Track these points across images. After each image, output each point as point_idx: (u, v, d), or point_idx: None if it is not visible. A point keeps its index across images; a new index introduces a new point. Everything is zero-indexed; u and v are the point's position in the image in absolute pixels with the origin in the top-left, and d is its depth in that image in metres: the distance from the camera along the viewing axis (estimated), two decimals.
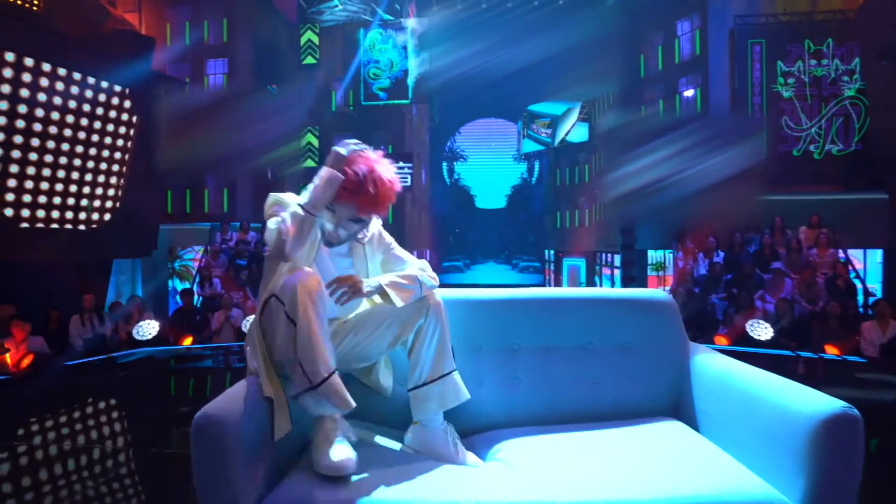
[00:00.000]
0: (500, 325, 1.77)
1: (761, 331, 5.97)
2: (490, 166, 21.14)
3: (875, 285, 9.31)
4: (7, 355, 4.77)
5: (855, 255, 10.93)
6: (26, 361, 4.85)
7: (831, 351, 5.36)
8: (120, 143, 7.83)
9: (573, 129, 15.14)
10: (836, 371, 4.82)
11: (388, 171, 1.50)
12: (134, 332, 6.25)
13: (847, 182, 9.73)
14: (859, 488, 1.17)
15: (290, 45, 12.80)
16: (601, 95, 14.24)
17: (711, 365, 1.67)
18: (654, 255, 11.83)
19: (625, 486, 1.21)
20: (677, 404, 1.74)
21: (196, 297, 8.74)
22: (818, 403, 1.21)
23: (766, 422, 1.32)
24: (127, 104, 7.69)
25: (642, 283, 11.48)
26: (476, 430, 1.66)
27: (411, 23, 12.24)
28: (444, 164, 21.36)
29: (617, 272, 12.63)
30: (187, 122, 9.04)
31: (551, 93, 15.89)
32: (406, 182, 12.65)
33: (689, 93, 11.49)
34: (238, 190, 12.20)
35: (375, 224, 1.65)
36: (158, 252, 10.82)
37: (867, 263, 10.88)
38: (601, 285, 13.47)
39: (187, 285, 10.81)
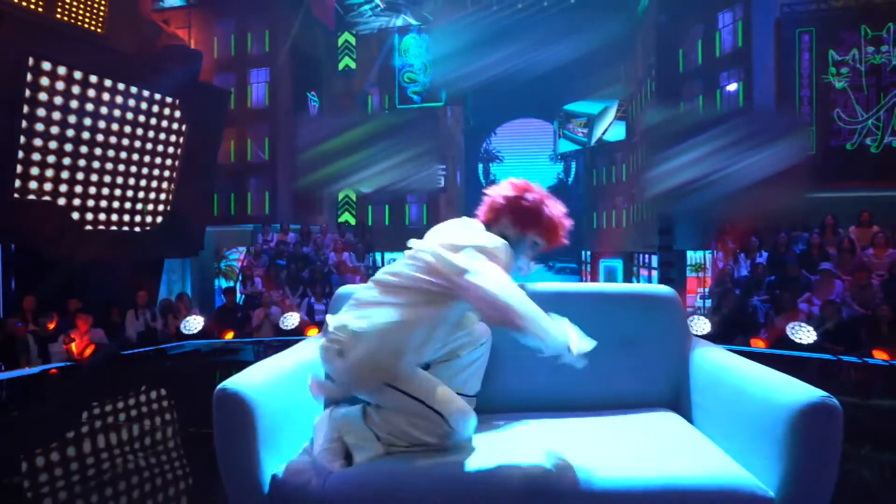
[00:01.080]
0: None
1: (803, 334, 5.71)
2: (526, 167, 21.04)
3: None
4: (73, 344, 5.25)
5: None
6: (89, 351, 5.32)
7: (880, 356, 5.07)
8: (171, 150, 8.39)
9: (610, 128, 14.88)
10: (882, 376, 4.57)
11: (556, 205, 1.54)
12: (181, 326, 6.70)
13: None
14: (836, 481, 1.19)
15: (328, 53, 13.26)
16: (638, 93, 13.92)
17: (708, 358, 1.69)
18: (693, 256, 11.47)
19: (604, 465, 1.28)
20: (677, 396, 1.77)
21: (238, 295, 9.23)
22: (798, 393, 1.24)
23: (751, 412, 1.34)
24: (177, 114, 8.23)
25: (681, 285, 11.14)
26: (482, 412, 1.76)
27: (446, 28, 12.42)
28: (480, 166, 21.42)
29: (654, 273, 12.33)
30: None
31: (587, 91, 15.67)
32: (440, 184, 12.82)
33: (731, 87, 11.06)
34: (279, 193, 12.74)
35: None
36: (205, 252, 11.48)
37: None
38: None
39: (231, 284, 11.39)
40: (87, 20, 7.26)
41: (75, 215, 7.32)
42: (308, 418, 1.58)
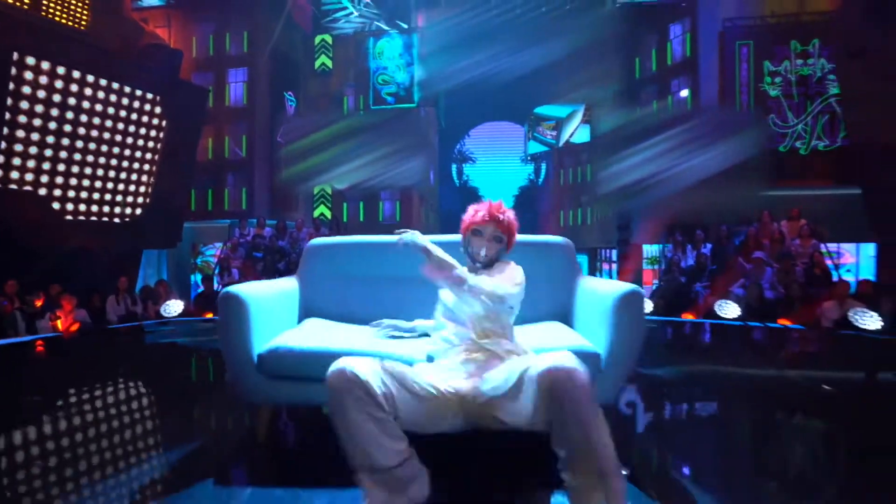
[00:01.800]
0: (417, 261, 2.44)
1: (728, 309, 6.50)
2: (498, 168, 21.79)
3: (850, 276, 9.65)
4: (58, 321, 5.60)
5: (848, 248, 11.22)
6: (74, 327, 5.68)
7: (783, 322, 5.91)
8: (151, 144, 8.72)
9: (577, 131, 15.70)
10: (775, 337, 5.41)
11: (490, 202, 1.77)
12: (162, 310, 7.06)
13: (834, 177, 10.09)
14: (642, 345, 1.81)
15: (305, 55, 13.69)
16: (601, 97, 14.78)
17: (586, 286, 2.30)
18: (649, 250, 12.30)
19: None
20: (566, 313, 2.37)
21: (216, 285, 9.58)
22: (619, 288, 1.85)
23: (597, 308, 1.95)
24: (158, 110, 8.58)
25: (638, 277, 11.96)
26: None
27: (419, 33, 13.01)
28: (454, 166, 22.07)
29: (615, 266, 13.11)
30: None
31: (556, 96, 16.48)
32: (413, 180, 13.36)
33: (683, 93, 11.98)
34: (256, 189, 13.08)
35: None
36: (182, 248, 11.74)
37: (860, 257, 11.18)
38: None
39: (209, 274, 11.65)
40: (70, 18, 7.57)
41: (56, 205, 7.60)
42: (279, 325, 2.12)
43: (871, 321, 5.70)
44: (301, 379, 1.87)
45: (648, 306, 7.15)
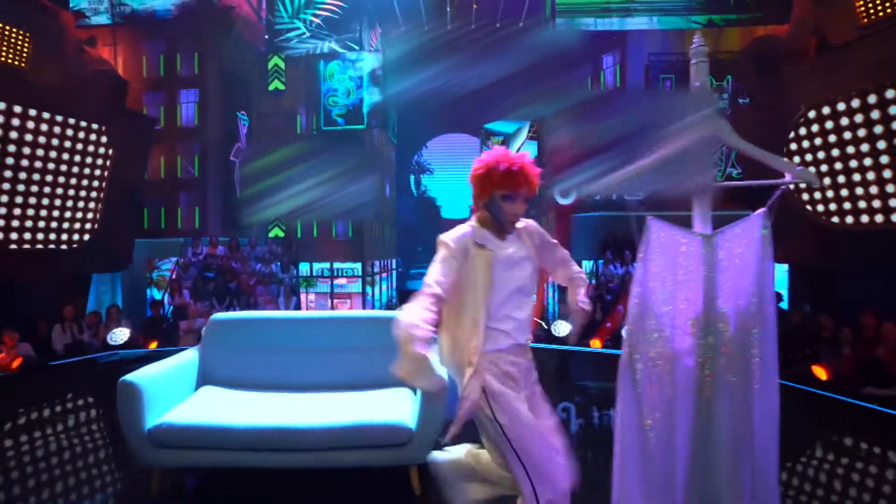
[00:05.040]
0: (298, 335, 3.01)
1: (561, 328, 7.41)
2: (455, 178, 22.47)
3: None
4: (0, 357, 5.89)
5: None
6: (16, 363, 5.97)
7: None
8: (97, 172, 8.92)
9: (523, 147, 16.48)
10: None
11: (510, 156, 1.58)
12: (108, 338, 7.37)
13: (743, 201, 11.10)
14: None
15: (259, 74, 13.96)
16: (545, 116, 15.58)
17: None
18: (586, 265, 13.14)
19: (323, 414, 2.44)
20: None
21: (167, 305, 9.87)
22: None
23: None
24: (103, 139, 8.79)
25: None
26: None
27: (368, 55, 13.48)
28: (412, 177, 22.62)
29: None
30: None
31: (506, 111, 17.21)
32: (367, 198, 13.82)
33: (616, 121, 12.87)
34: (209, 208, 13.30)
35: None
36: (137, 263, 11.90)
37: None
38: (546, 287, 14.78)
39: (160, 295, 11.88)
40: (10, 56, 7.75)
41: None
42: (173, 397, 2.65)
43: None
44: (185, 447, 2.40)
45: (565, 329, 7.86)
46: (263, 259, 11.49)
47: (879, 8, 5.57)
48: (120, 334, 7.43)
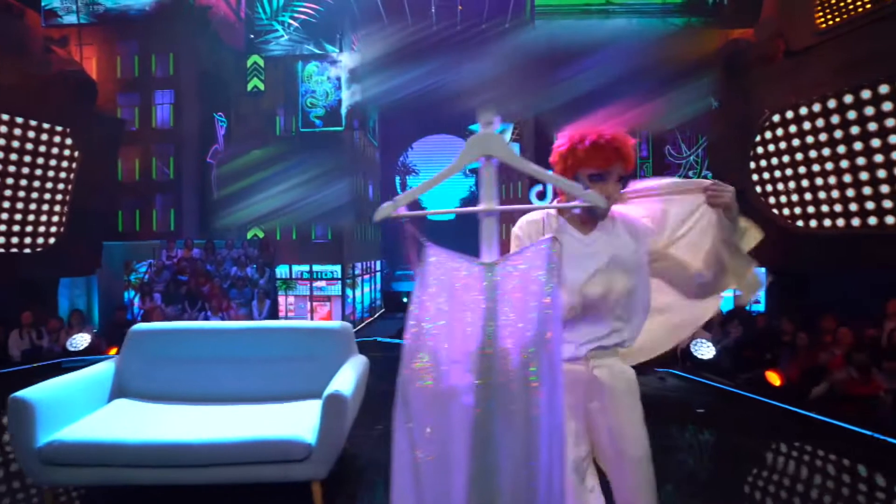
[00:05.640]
0: (219, 346, 2.94)
1: None
2: None
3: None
4: None
5: None
6: None
7: None
8: (63, 175, 8.81)
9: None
10: None
11: (584, 132, 1.37)
12: (68, 343, 7.26)
13: None
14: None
15: (237, 74, 13.85)
16: (525, 119, 15.58)
17: (352, 363, 2.86)
18: None
19: (215, 429, 2.38)
20: None
21: (137, 309, 9.75)
22: (330, 388, 2.40)
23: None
24: (68, 141, 8.68)
25: None
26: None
27: (345, 57, 13.43)
28: (398, 178, 22.55)
29: None
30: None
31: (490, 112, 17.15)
32: (344, 200, 13.76)
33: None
34: (184, 210, 13.18)
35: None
36: (114, 265, 11.78)
37: None
38: None
39: (132, 297, 11.74)
40: None
41: None
42: (77, 411, 2.57)
43: (706, 350, 6.50)
44: (76, 465, 2.33)
45: None
46: (239, 262, 11.39)
47: (837, 14, 5.57)
48: (80, 340, 7.32)
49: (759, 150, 7.59)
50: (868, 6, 5.32)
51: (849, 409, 4.54)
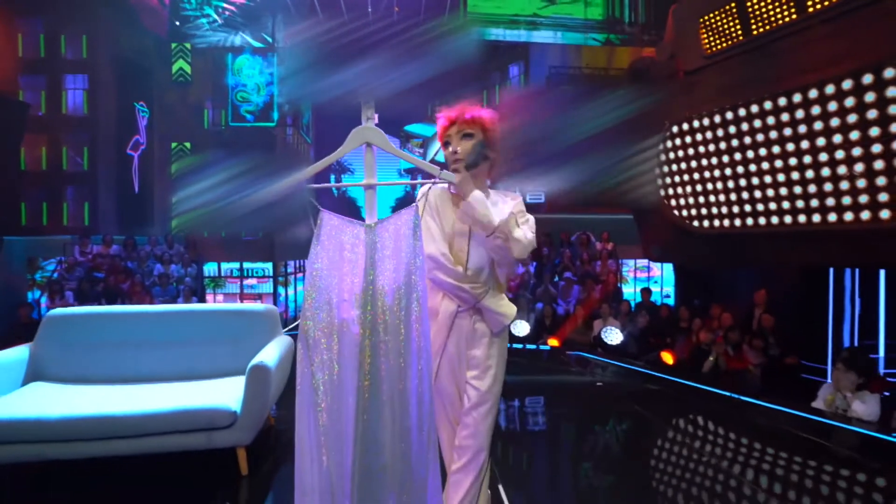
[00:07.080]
0: (137, 329, 3.01)
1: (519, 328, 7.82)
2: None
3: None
4: None
5: (657, 266, 13.46)
6: None
7: (553, 343, 7.29)
8: None
9: (440, 150, 16.85)
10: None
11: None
12: None
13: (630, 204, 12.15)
14: None
15: (161, 62, 13.16)
16: None
17: (268, 347, 3.02)
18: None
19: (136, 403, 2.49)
20: None
21: (44, 308, 9.08)
22: (256, 359, 2.58)
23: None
24: None
25: None
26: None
27: (279, 51, 13.20)
28: (332, 177, 22.25)
29: None
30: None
31: (426, 114, 17.53)
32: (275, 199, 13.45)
33: None
34: (100, 203, 12.32)
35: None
36: (16, 263, 10.81)
37: (663, 272, 13.50)
38: None
39: (38, 296, 10.87)
40: None
41: None
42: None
43: (615, 336, 7.22)
44: None
45: None
46: (163, 259, 10.93)
47: (720, 41, 6.41)
48: None
49: (662, 157, 8.47)
50: (741, 38, 6.21)
51: (728, 381, 5.34)
